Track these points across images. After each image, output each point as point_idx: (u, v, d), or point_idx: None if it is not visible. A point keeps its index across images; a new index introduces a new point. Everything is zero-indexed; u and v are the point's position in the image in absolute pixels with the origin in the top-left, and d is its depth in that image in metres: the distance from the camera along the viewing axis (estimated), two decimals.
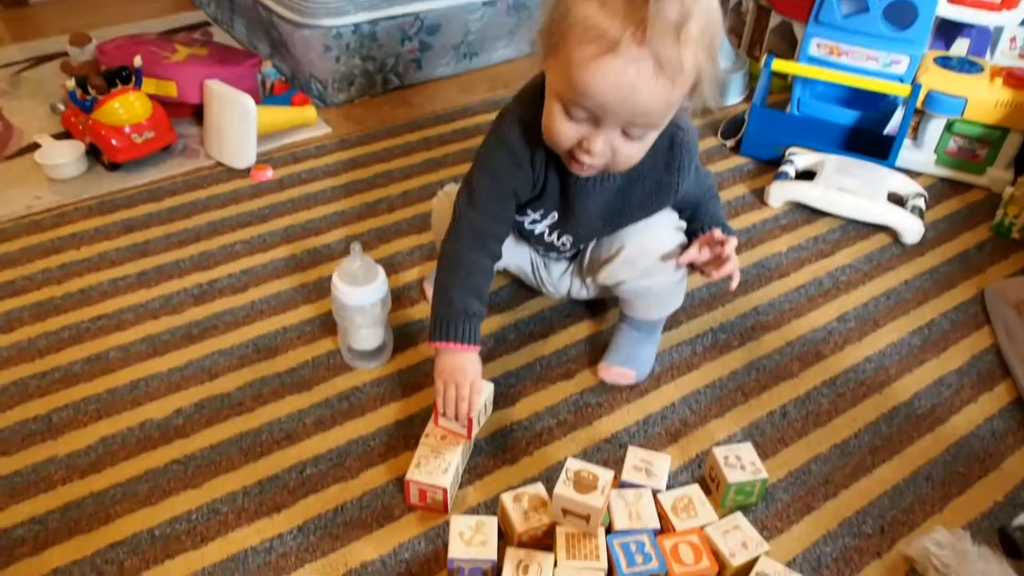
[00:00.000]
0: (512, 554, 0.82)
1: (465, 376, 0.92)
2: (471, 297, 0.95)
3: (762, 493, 0.95)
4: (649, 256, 1.00)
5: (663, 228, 1.00)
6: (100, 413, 1.02)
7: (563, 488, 0.82)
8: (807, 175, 1.55)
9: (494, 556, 0.82)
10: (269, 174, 1.50)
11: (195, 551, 0.87)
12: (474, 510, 0.93)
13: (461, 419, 0.92)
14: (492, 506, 0.93)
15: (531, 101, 0.88)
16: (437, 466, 0.91)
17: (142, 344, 1.13)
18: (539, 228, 1.03)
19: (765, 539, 0.91)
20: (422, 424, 1.01)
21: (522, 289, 1.25)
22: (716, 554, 0.85)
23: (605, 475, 0.84)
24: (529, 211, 1.00)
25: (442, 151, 1.61)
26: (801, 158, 1.57)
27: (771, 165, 1.61)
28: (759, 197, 1.53)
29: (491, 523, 0.85)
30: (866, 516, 0.95)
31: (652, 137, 0.84)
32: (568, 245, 1.05)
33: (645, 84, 0.75)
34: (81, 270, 1.25)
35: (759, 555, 0.85)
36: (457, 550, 0.82)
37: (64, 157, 1.46)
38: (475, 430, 0.97)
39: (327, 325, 1.17)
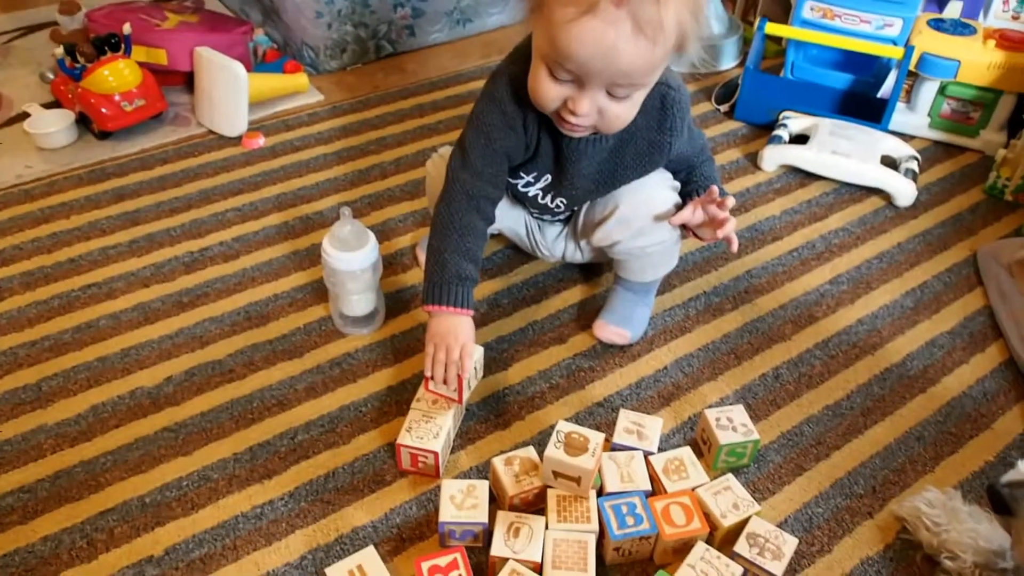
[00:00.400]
0: (503, 517, 0.83)
1: (456, 340, 0.92)
2: (465, 260, 0.94)
3: (754, 454, 0.95)
4: (643, 215, 0.99)
5: (657, 187, 0.99)
6: (90, 381, 1.01)
7: (554, 451, 0.82)
8: (801, 139, 1.54)
9: (485, 519, 0.83)
10: (261, 142, 1.49)
11: (186, 518, 0.87)
12: (466, 474, 0.93)
13: (450, 383, 0.92)
14: (484, 470, 0.93)
15: (522, 62, 0.87)
16: (428, 431, 0.91)
17: (133, 312, 1.12)
18: (532, 191, 1.02)
19: (757, 500, 0.91)
20: (414, 390, 1.01)
21: (516, 254, 1.24)
22: (707, 515, 0.85)
23: (596, 437, 0.84)
24: (522, 173, 0.99)
25: (435, 117, 1.60)
26: (795, 122, 1.55)
27: (765, 129, 1.60)
28: (753, 161, 1.51)
29: (482, 487, 0.85)
30: (858, 476, 0.96)
31: (640, 96, 0.83)
32: (562, 207, 1.04)
33: (624, 44, 0.74)
34: (71, 239, 1.24)
35: (750, 516, 0.85)
36: (448, 513, 0.83)
37: (54, 126, 1.45)
38: (466, 395, 0.97)
39: (319, 292, 1.16)
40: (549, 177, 0.99)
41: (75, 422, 0.96)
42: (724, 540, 0.85)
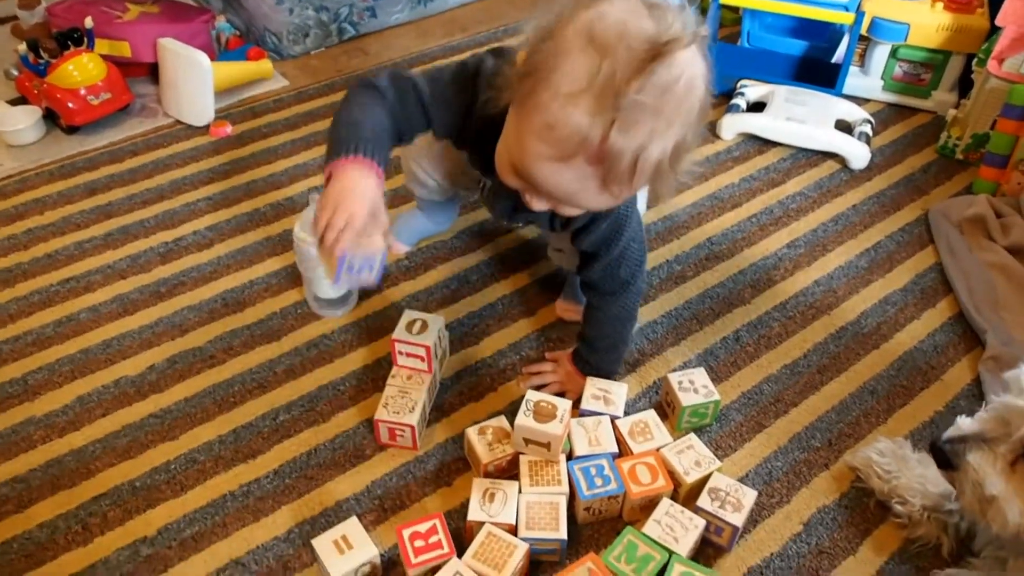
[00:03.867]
0: (479, 484, 0.87)
1: (346, 205, 0.74)
2: (380, 130, 0.81)
3: (715, 414, 1.00)
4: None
5: None
6: (75, 373, 1.04)
7: (524, 419, 0.87)
8: (758, 106, 1.58)
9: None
10: (228, 130, 1.50)
11: (175, 499, 0.91)
12: (442, 446, 0.97)
13: (337, 249, 0.74)
14: (459, 441, 0.98)
15: (497, 88, 0.78)
16: (404, 405, 0.95)
17: (112, 304, 1.14)
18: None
19: (719, 457, 0.96)
20: (389, 367, 1.05)
21: (483, 231, 1.28)
22: (671, 473, 0.90)
23: (563, 404, 0.88)
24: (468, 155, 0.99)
25: None
26: (752, 90, 1.59)
27: (724, 98, 1.63)
28: (712, 130, 1.55)
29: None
30: (814, 431, 1.01)
31: None
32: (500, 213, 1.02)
33: (588, 196, 0.74)
34: (46, 235, 1.26)
35: (711, 472, 0.90)
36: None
37: (21, 123, 1.45)
38: (436, 366, 1.00)
39: (293, 276, 1.19)
40: (489, 182, 0.96)
41: (63, 413, 0.99)
42: (688, 496, 0.90)
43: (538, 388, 1.00)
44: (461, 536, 0.87)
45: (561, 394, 0.99)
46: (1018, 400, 0.69)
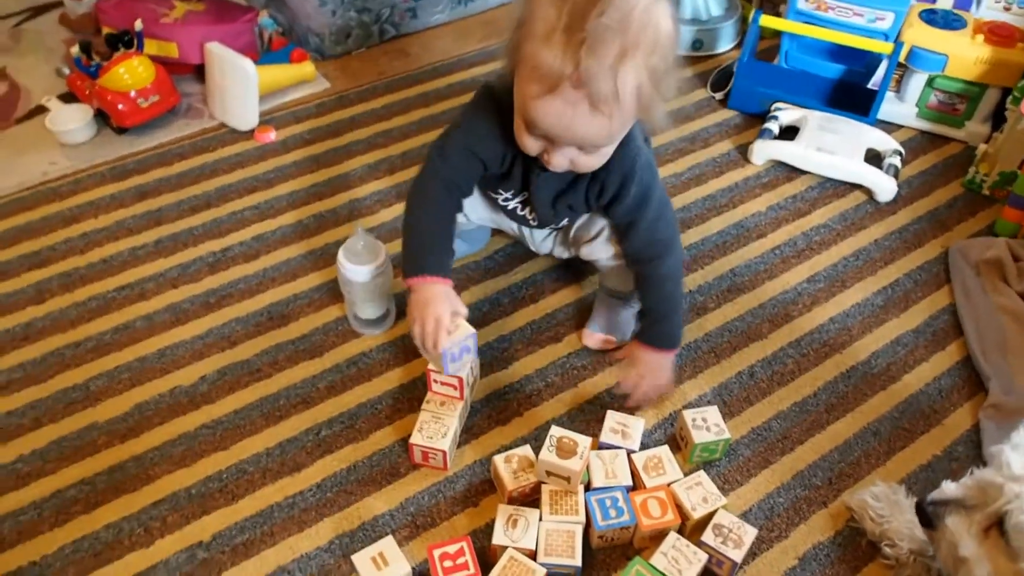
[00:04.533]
0: (503, 511, 0.95)
1: (431, 311, 0.96)
2: (440, 236, 1.02)
3: (725, 450, 1.07)
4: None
5: None
6: (133, 381, 1.13)
7: (547, 454, 0.94)
8: (791, 130, 1.61)
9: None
10: (272, 136, 1.57)
11: (228, 507, 0.99)
12: (470, 468, 1.05)
13: (431, 351, 0.97)
14: (486, 463, 1.06)
15: (509, 91, 0.92)
16: (437, 431, 1.03)
17: (165, 313, 1.23)
18: (511, 204, 1.11)
19: (726, 491, 1.04)
20: (423, 388, 1.13)
21: (516, 252, 1.34)
22: (680, 507, 0.98)
23: (584, 441, 0.96)
24: (500, 190, 1.08)
25: (440, 107, 1.67)
26: (785, 114, 1.62)
27: (757, 119, 1.67)
28: (743, 154, 1.59)
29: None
30: (817, 469, 1.08)
31: (608, 150, 0.93)
32: (536, 222, 1.13)
33: (582, 120, 0.83)
34: (101, 239, 1.34)
35: (717, 508, 0.97)
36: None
37: (74, 122, 1.52)
38: (467, 393, 1.08)
39: (334, 292, 1.26)
40: (526, 194, 1.08)
41: (123, 420, 1.08)
42: (694, 529, 0.98)
43: (620, 405, 1.10)
44: (486, 556, 0.95)
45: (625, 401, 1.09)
46: (996, 476, 0.75)
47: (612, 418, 1.06)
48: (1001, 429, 1.12)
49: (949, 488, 0.80)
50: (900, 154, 1.55)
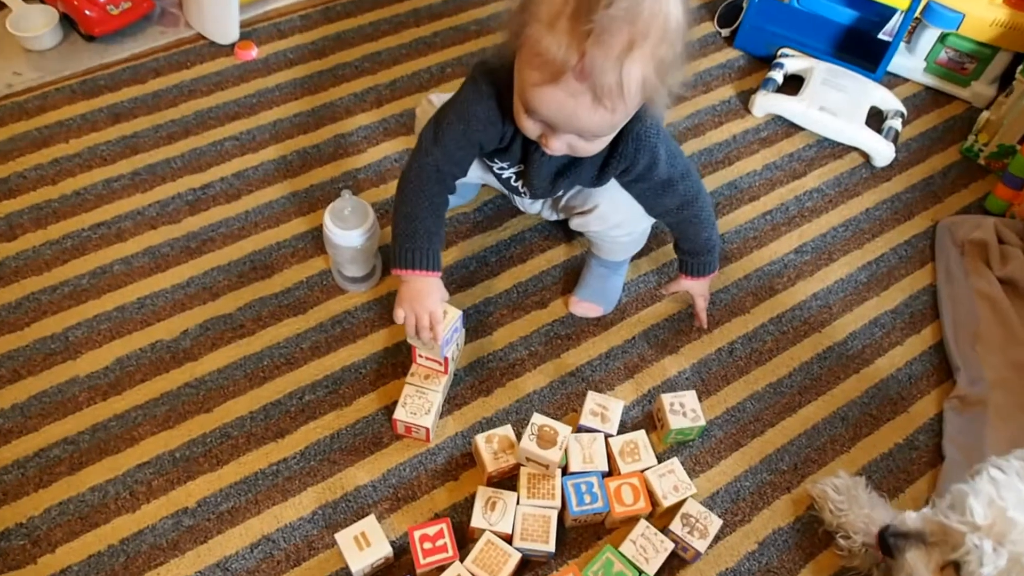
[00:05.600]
0: (483, 492, 0.99)
1: (424, 306, 0.98)
2: (432, 226, 1.01)
3: (699, 433, 1.11)
4: (623, 212, 1.08)
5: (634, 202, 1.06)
6: (113, 332, 1.12)
7: (528, 443, 0.97)
8: (795, 79, 1.56)
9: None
10: (254, 53, 1.48)
11: (212, 473, 1.02)
12: (452, 440, 1.08)
13: (427, 344, 1.00)
14: (468, 434, 1.08)
15: (509, 68, 0.88)
16: (421, 406, 1.04)
17: (144, 257, 1.20)
18: (506, 174, 1.08)
19: (697, 473, 1.08)
20: (407, 352, 1.13)
21: (505, 206, 1.31)
22: (651, 493, 1.02)
23: (564, 431, 0.98)
24: (497, 160, 1.05)
25: (431, 28, 1.57)
26: (791, 61, 1.56)
27: (762, 64, 1.61)
28: (744, 103, 1.54)
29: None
30: (784, 453, 1.12)
31: (608, 138, 0.89)
32: (528, 195, 1.10)
33: (584, 112, 0.80)
34: (73, 168, 1.28)
35: (687, 497, 1.02)
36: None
37: (39, 27, 1.42)
38: (451, 366, 1.09)
39: (318, 242, 1.24)
40: (521, 166, 1.04)
41: (104, 375, 1.08)
42: (663, 515, 1.03)
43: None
44: (464, 533, 0.99)
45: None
46: (958, 524, 0.79)
47: (592, 400, 1.09)
48: (963, 420, 1.16)
49: (911, 520, 0.84)
50: (902, 116, 1.52)
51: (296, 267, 1.21)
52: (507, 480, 1.04)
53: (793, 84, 1.55)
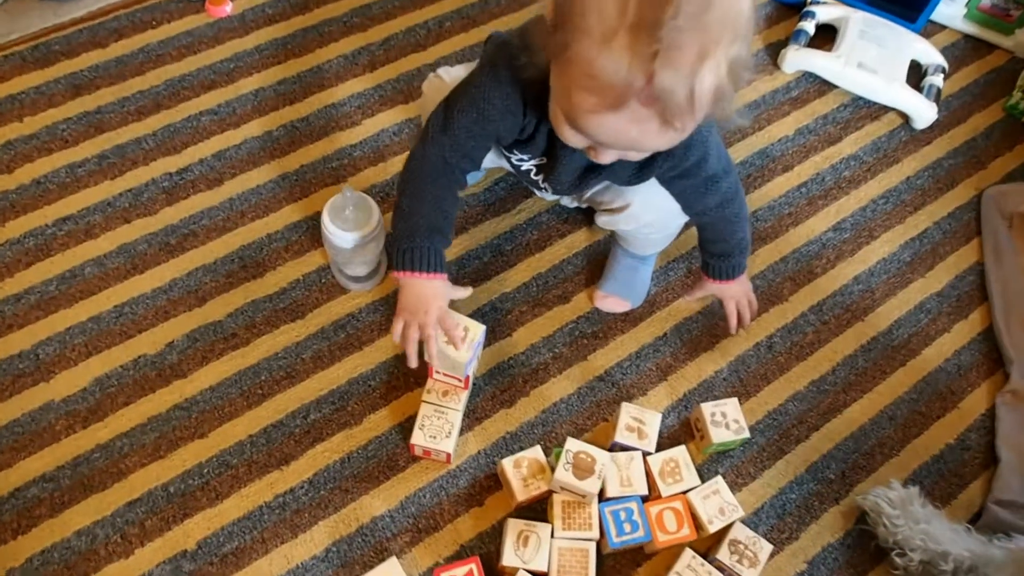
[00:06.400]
0: (513, 526, 0.90)
1: (428, 313, 0.88)
2: (436, 222, 0.89)
3: (741, 443, 1.02)
4: (653, 212, 0.97)
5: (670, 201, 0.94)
6: (89, 348, 0.99)
7: (563, 473, 0.88)
8: (826, 29, 1.42)
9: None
10: (228, 9, 1.30)
11: (212, 508, 0.92)
12: (474, 459, 0.98)
13: (425, 354, 0.91)
14: (492, 453, 0.99)
15: (531, 49, 0.73)
16: (440, 428, 0.94)
17: (118, 257, 1.06)
18: (525, 166, 0.95)
19: (739, 486, 1.00)
20: (419, 359, 1.02)
21: (519, 185, 1.19)
22: (695, 517, 0.94)
23: (602, 457, 0.89)
24: (516, 151, 0.92)
25: None
26: (823, 9, 1.42)
27: (790, 11, 1.46)
28: (773, 58, 1.40)
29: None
30: (831, 460, 1.04)
31: None
32: (550, 191, 0.98)
33: (649, 137, 0.68)
34: (31, 151, 1.13)
35: (734, 521, 0.94)
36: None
37: None
38: (471, 373, 0.99)
39: (313, 233, 1.11)
40: (544, 159, 0.92)
41: (82, 398, 0.96)
42: (710, 541, 0.95)
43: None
44: (492, 569, 0.91)
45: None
46: None
47: (627, 413, 0.99)
48: (1018, 417, 1.09)
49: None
50: (943, 71, 1.39)
51: (291, 263, 1.09)
52: (537, 503, 0.95)
53: (824, 35, 1.41)
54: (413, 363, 0.89)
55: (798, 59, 1.37)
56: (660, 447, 0.99)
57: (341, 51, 1.29)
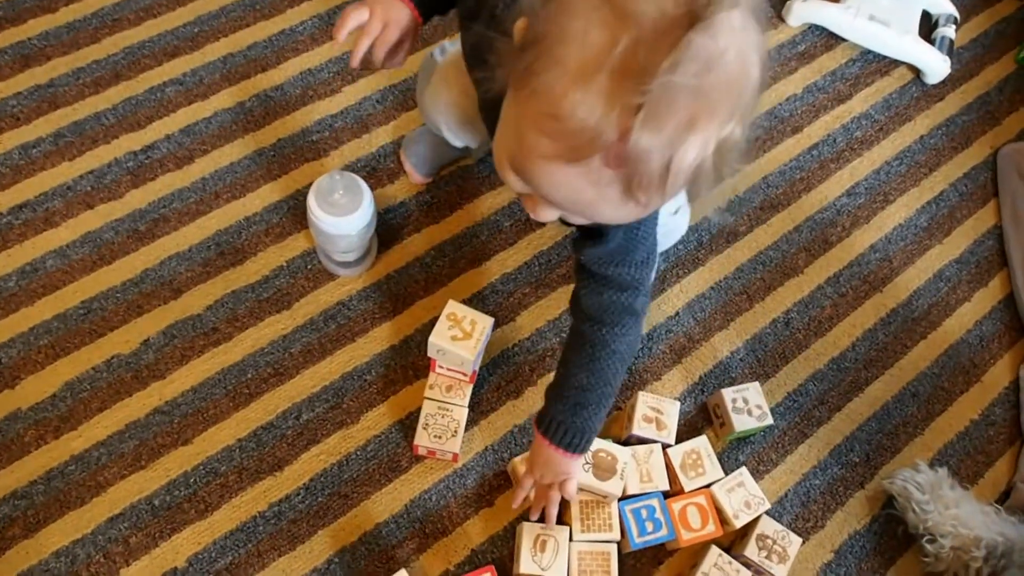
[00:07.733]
0: (529, 530, 0.84)
1: (391, 16, 0.75)
2: None
3: (763, 430, 0.97)
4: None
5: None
6: (56, 349, 0.91)
7: (584, 476, 0.82)
8: None
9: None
10: None
11: (201, 521, 0.85)
12: (481, 456, 0.92)
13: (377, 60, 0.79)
14: (500, 449, 0.92)
15: (488, 64, 0.59)
16: (446, 427, 0.87)
17: (83, 247, 0.97)
18: None
19: (761, 473, 0.95)
20: (418, 348, 0.96)
21: None
22: (719, 511, 0.89)
23: (623, 455, 0.84)
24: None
25: None
26: None
27: None
28: (777, 10, 1.32)
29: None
30: (854, 442, 1.00)
31: None
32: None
33: (607, 206, 0.55)
34: None
35: (760, 514, 0.89)
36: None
37: None
38: (476, 372, 0.92)
39: (296, 214, 1.02)
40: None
41: (52, 405, 0.88)
42: (736, 536, 0.90)
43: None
44: (506, 570, 0.86)
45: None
46: None
47: (644, 403, 0.93)
48: None
49: None
50: (955, 21, 1.32)
51: (272, 248, 1.00)
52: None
53: None
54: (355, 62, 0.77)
55: (805, 11, 1.29)
56: (679, 437, 0.94)
57: (315, 10, 1.18)
